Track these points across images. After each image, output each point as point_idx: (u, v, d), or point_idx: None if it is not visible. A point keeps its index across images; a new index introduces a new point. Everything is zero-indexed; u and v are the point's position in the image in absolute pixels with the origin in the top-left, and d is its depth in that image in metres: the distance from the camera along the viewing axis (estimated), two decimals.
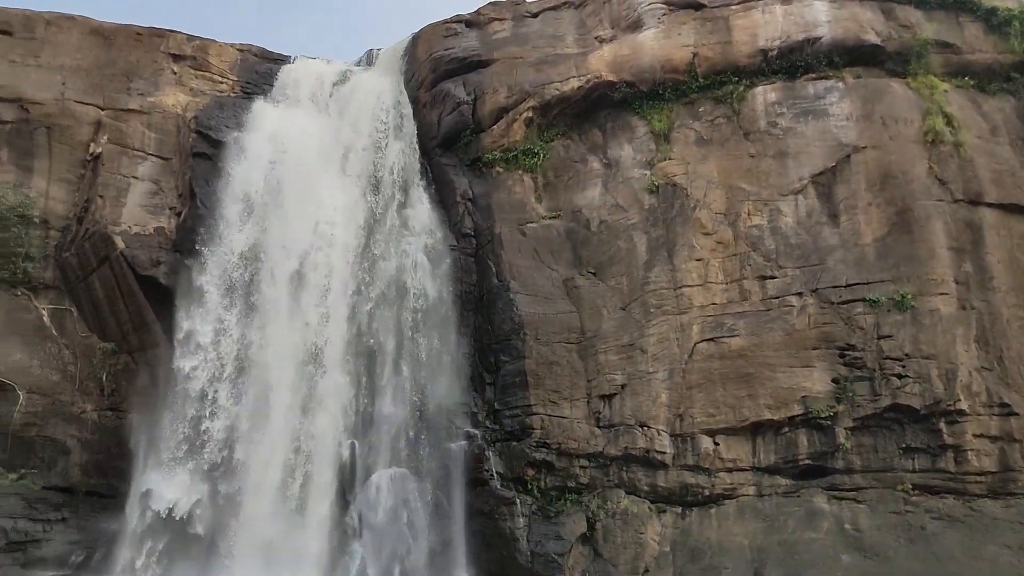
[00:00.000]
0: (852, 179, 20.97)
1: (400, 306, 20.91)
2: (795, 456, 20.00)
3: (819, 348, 20.13)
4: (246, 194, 21.13)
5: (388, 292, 20.96)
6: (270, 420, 19.55)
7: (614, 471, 20.21)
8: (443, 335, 21.02)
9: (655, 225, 21.30)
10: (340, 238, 21.05)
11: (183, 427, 19.24)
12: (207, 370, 19.74)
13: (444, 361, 20.85)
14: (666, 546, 19.75)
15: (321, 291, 20.65)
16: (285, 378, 19.83)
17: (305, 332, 20.26)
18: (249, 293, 20.34)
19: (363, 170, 21.89)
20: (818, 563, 18.76)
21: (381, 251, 21.21)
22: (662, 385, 20.28)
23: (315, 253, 20.85)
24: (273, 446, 19.43)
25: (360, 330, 20.57)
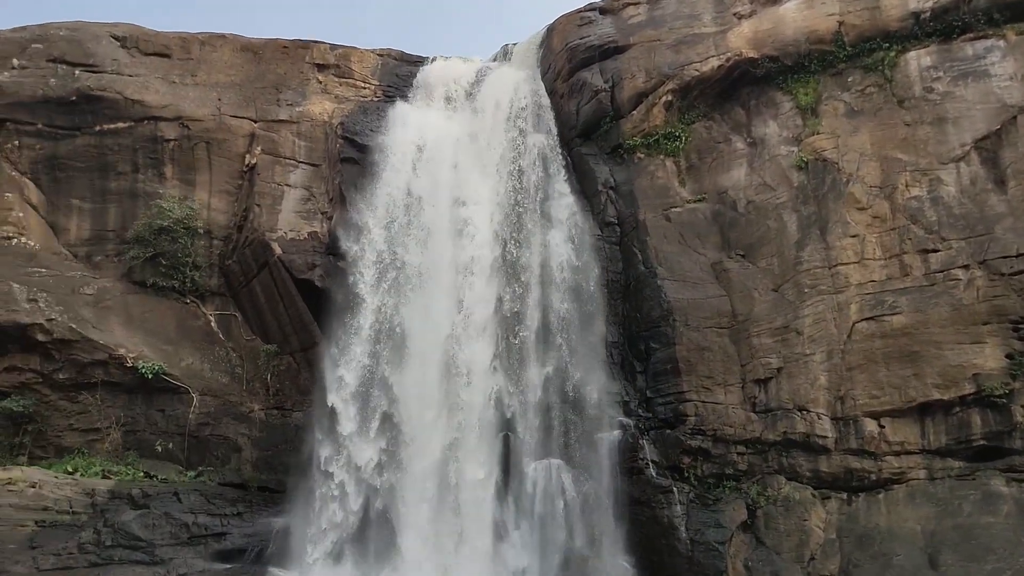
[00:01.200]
0: (1020, 142, 19.67)
1: (546, 298, 21.01)
2: (968, 437, 19.03)
3: (990, 323, 19.06)
4: (392, 196, 21.70)
5: (533, 284, 21.09)
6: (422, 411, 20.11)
7: (773, 457, 19.76)
8: (591, 325, 21.02)
9: (805, 203, 20.64)
10: (484, 233, 21.33)
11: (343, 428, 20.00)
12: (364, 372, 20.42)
13: (593, 351, 20.85)
14: (832, 533, 19.20)
15: (468, 286, 20.99)
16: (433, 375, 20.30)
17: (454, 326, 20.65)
18: (399, 292, 20.88)
19: (504, 165, 22.09)
20: (998, 548, 17.85)
21: (525, 243, 21.34)
22: (820, 367, 19.67)
23: (460, 251, 21.22)
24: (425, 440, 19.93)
25: (506, 322, 20.76)
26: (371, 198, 21.60)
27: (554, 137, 22.67)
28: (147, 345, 20.98)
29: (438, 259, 21.17)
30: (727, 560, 18.91)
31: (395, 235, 21.28)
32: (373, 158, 22.17)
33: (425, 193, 21.53)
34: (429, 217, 21.36)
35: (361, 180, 22.03)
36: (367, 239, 21.25)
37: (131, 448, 20.63)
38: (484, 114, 23.24)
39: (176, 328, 21.63)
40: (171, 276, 21.66)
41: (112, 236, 21.99)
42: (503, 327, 20.73)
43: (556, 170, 22.17)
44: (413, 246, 21.29)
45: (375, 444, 19.83)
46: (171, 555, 18.55)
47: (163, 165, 22.15)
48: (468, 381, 20.11)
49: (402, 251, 21.21)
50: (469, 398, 20.07)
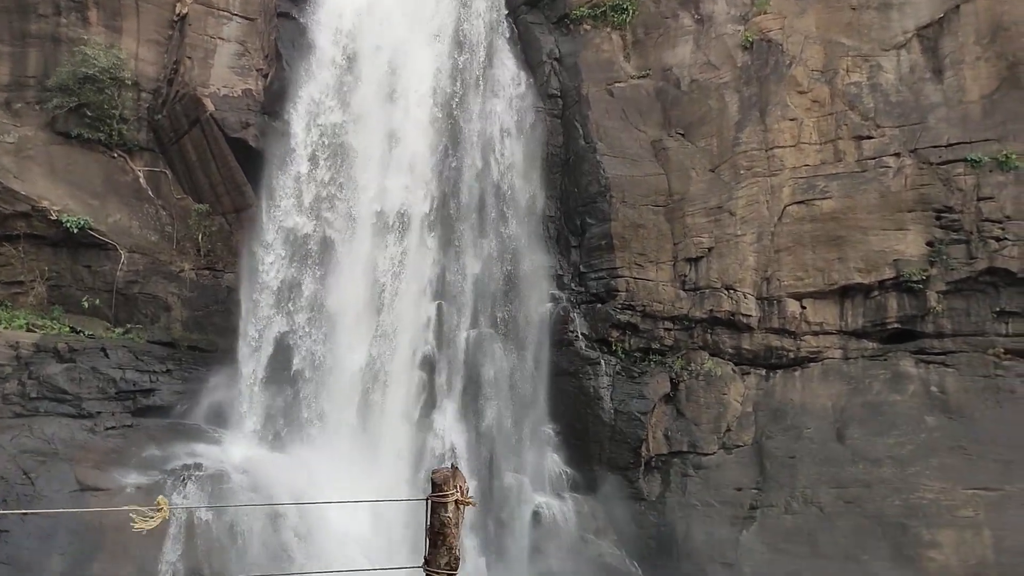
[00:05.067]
0: (960, 31, 19.94)
1: (485, 169, 20.88)
2: (883, 320, 19.88)
3: (915, 210, 19.68)
4: (329, 56, 21.03)
5: (473, 154, 20.90)
6: (356, 280, 20.01)
7: (698, 333, 20.35)
8: (528, 198, 21.04)
9: (748, 84, 20.68)
10: (423, 97, 20.92)
11: (275, 284, 19.82)
12: (295, 233, 20.14)
13: (530, 224, 20.95)
14: (748, 406, 20.05)
15: (406, 153, 20.68)
16: (368, 242, 20.14)
17: (389, 195, 20.42)
18: (335, 155, 20.47)
19: (447, 29, 21.53)
20: (901, 424, 18.91)
21: (464, 111, 21.03)
22: (750, 248, 20.13)
23: (399, 113, 20.79)
24: (359, 305, 19.92)
25: (445, 193, 20.63)
26: (308, 56, 20.90)
27: (500, 3, 22.09)
28: (72, 198, 20.31)
29: (375, 125, 20.73)
30: (648, 429, 19.69)
31: (331, 97, 20.71)
32: (311, 15, 21.34)
33: (363, 54, 20.90)
34: (367, 79, 20.80)
35: (298, 38, 21.26)
36: (303, 99, 20.66)
37: (56, 303, 20.20)
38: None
39: (103, 183, 20.94)
40: (97, 128, 20.81)
41: (33, 83, 20.92)
42: (439, 192, 20.56)
43: (500, 38, 21.71)
44: (350, 108, 20.77)
45: (306, 306, 19.75)
46: (98, 408, 18.47)
47: (87, 9, 20.95)
48: (399, 245, 19.94)
49: (337, 115, 20.67)
50: (404, 264, 20.03)
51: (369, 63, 20.72)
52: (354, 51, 20.86)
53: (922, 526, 17.68)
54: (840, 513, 18.33)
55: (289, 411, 19.10)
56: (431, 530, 4.26)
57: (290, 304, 19.66)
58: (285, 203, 20.29)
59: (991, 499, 17.64)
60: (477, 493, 19.17)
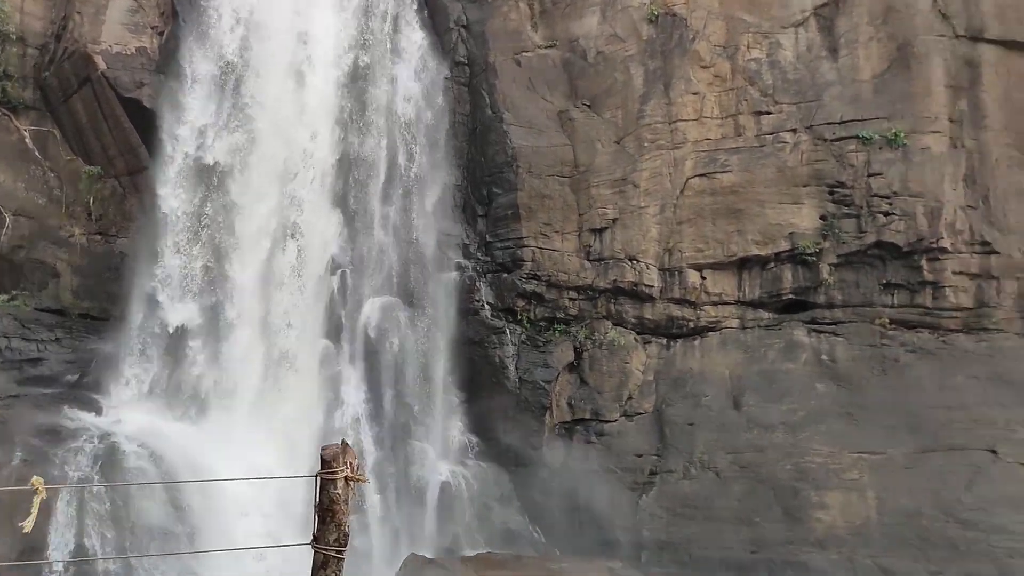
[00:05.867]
0: (854, 11, 20.56)
1: (390, 135, 20.62)
2: (779, 291, 20.53)
3: (809, 185, 20.32)
4: (231, 14, 20.33)
5: (377, 120, 20.60)
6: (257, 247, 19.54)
7: (602, 303, 20.66)
8: (434, 166, 20.90)
9: (652, 57, 20.91)
10: (328, 62, 20.46)
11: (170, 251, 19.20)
12: (189, 198, 19.50)
13: (436, 192, 20.82)
14: (650, 375, 20.49)
15: (309, 120, 20.21)
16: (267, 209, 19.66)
17: (291, 162, 19.96)
18: (231, 116, 19.84)
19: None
20: (794, 391, 19.61)
21: (370, 77, 20.65)
22: (653, 220, 20.46)
23: (300, 77, 20.28)
24: (258, 271, 19.46)
25: (348, 158, 20.28)
26: (205, 16, 20.14)
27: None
28: None
29: (276, 89, 20.16)
30: (552, 398, 19.95)
31: (232, 59, 20.05)
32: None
33: (263, 14, 20.24)
34: (268, 40, 20.18)
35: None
36: (201, 61, 19.94)
37: None
38: None
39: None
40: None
41: None
42: (343, 162, 20.23)
43: (407, 4, 21.34)
44: (250, 70, 20.15)
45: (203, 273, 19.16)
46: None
47: None
48: (301, 212, 19.54)
49: (238, 77, 20.02)
50: (306, 231, 19.64)
51: (270, 24, 20.11)
52: (252, 8, 20.18)
53: (811, 489, 18.40)
54: (735, 478, 18.93)
55: (185, 380, 18.61)
56: (320, 507, 4.23)
57: (186, 271, 19.06)
58: (182, 165, 19.62)
59: (875, 462, 18.47)
60: (382, 462, 19.17)
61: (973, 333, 19.96)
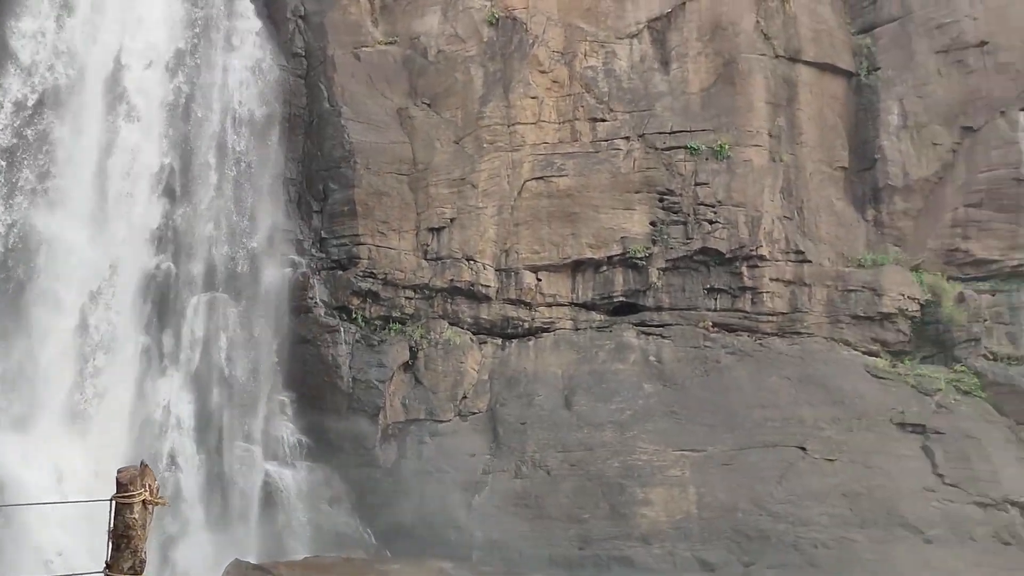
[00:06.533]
0: (685, 27, 21.47)
1: (221, 126, 19.85)
2: (611, 293, 21.15)
3: (641, 192, 21.02)
4: None
5: (210, 111, 19.79)
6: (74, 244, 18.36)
7: (439, 303, 20.64)
8: (269, 159, 20.29)
9: (493, 59, 21.08)
10: (158, 48, 19.48)
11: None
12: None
13: (270, 186, 20.22)
14: (485, 375, 20.63)
15: (136, 108, 19.15)
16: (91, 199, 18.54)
17: (116, 151, 18.88)
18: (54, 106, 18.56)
19: None
20: (623, 391, 20.22)
21: (202, 66, 19.80)
22: (491, 221, 20.63)
23: (127, 64, 19.21)
24: (75, 266, 18.31)
25: (178, 150, 19.38)
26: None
27: None
28: None
29: (100, 73, 19.00)
30: (386, 398, 19.75)
31: (50, 39, 18.71)
32: None
33: None
34: (91, 24, 18.99)
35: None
36: (17, 35, 18.48)
37: None
38: None
39: None
40: None
41: None
42: (172, 149, 19.30)
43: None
44: (70, 51, 18.90)
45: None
46: None
47: None
48: (131, 194, 18.49)
49: (57, 61, 18.70)
50: (129, 221, 18.62)
51: (92, 6, 18.94)
52: None
53: (637, 485, 18.99)
54: (565, 476, 19.30)
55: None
56: (114, 532, 3.96)
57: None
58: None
59: (696, 459, 19.27)
60: (205, 464, 18.43)
61: (787, 336, 21.24)
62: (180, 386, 18.82)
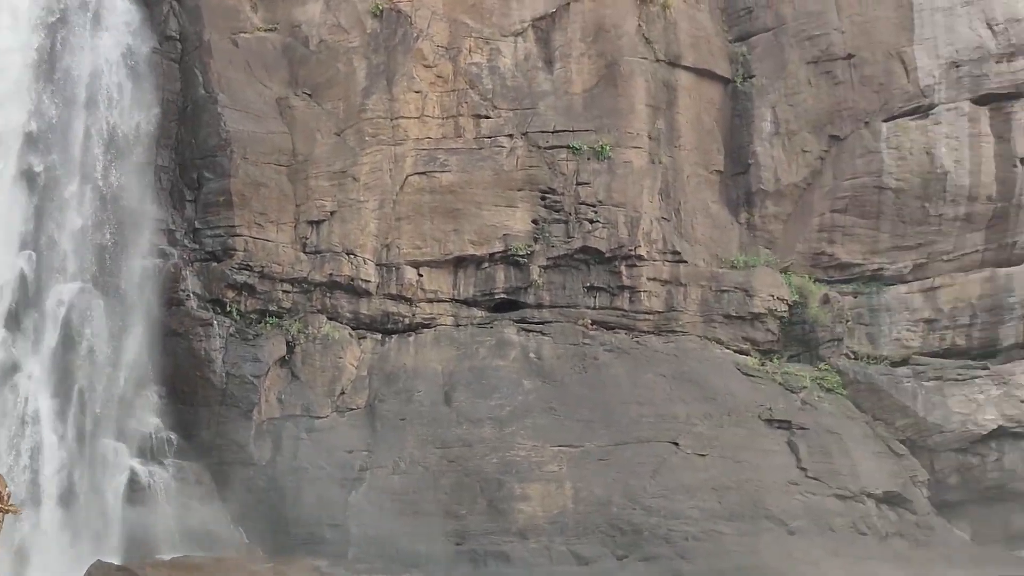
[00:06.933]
0: (569, 28, 21.71)
1: (90, 110, 19.07)
2: (492, 290, 21.24)
3: (523, 190, 21.18)
4: None
5: (76, 95, 18.97)
6: None
7: (317, 297, 20.35)
8: (139, 145, 19.59)
9: (376, 51, 20.82)
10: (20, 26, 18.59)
11: None
12: None
13: (140, 174, 19.53)
14: (364, 370, 20.43)
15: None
16: None
17: None
18: None
19: None
20: (503, 387, 20.34)
21: (69, 49, 18.98)
22: (372, 215, 20.43)
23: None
24: None
25: (41, 131, 18.52)
26: None
27: None
28: None
29: None
30: (261, 393, 19.34)
31: None
32: None
33: None
34: None
35: None
36: None
37: None
38: None
39: None
40: None
41: None
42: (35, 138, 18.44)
43: None
44: None
45: None
46: None
47: None
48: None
49: None
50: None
51: None
52: None
53: (515, 481, 19.12)
54: (444, 472, 19.28)
55: None
56: None
57: None
58: None
59: (573, 455, 19.55)
60: (68, 462, 17.66)
61: (663, 335, 21.79)
62: (40, 382, 18.02)
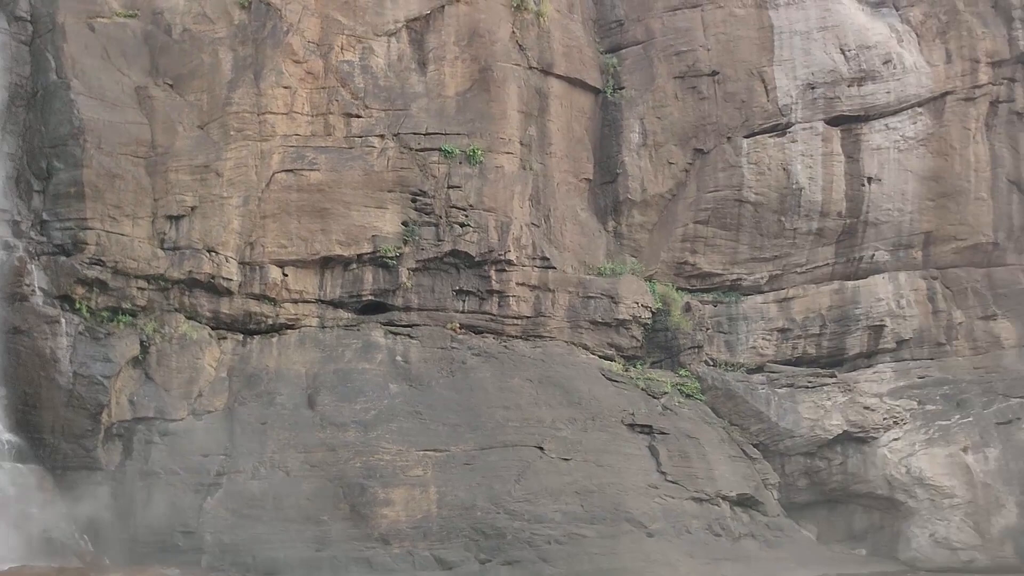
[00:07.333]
0: (443, 30, 21.71)
1: None
2: (359, 292, 20.99)
3: (394, 191, 21.02)
4: None
5: None
6: None
7: (175, 295, 19.67)
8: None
9: (244, 43, 20.24)
10: None
11: None
12: None
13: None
14: (223, 372, 19.86)
15: None
16: None
17: None
18: None
19: None
20: (368, 391, 20.11)
21: None
22: (235, 211, 19.86)
23: None
24: None
25: None
26: None
27: None
28: None
29: None
30: (111, 395, 18.47)
31: None
32: None
33: None
34: None
35: None
36: None
37: None
38: None
39: None
40: None
41: None
42: None
43: None
44: None
45: None
46: None
47: None
48: None
49: None
50: None
51: None
52: None
53: (379, 486, 18.90)
54: (305, 477, 18.88)
55: None
56: None
57: None
58: None
59: (438, 459, 19.48)
60: None
61: (530, 339, 22.04)
62: None
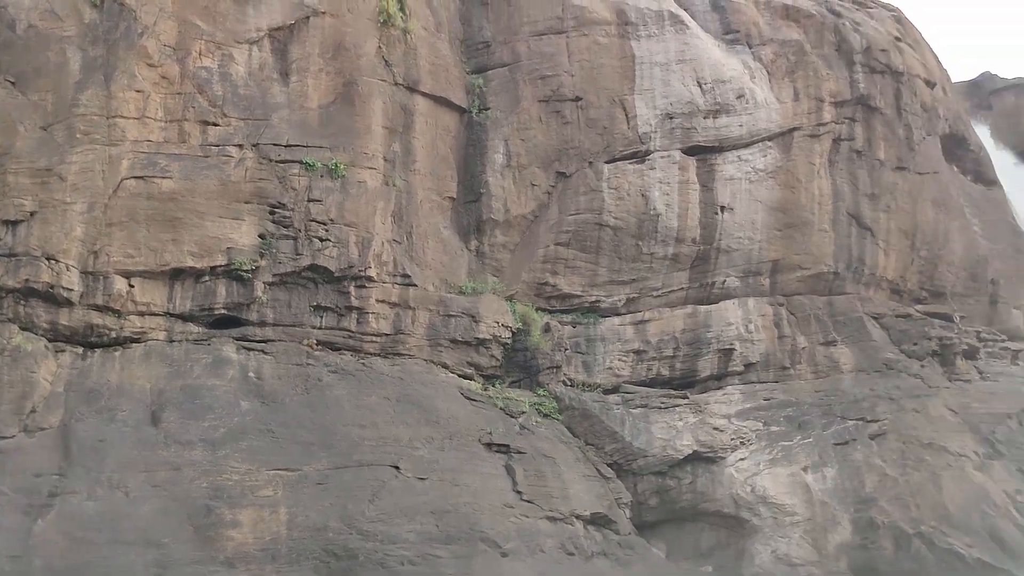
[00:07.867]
0: (308, 41, 21.32)
1: None
2: (212, 305, 20.29)
3: (251, 203, 20.43)
4: None
5: None
6: None
7: (9, 304, 18.68)
8: None
9: (94, 44, 19.41)
10: None
11: None
12: None
13: None
14: (60, 386, 18.85)
15: None
16: None
17: None
18: None
19: None
20: (218, 408, 19.38)
21: None
22: (79, 218, 18.95)
23: None
24: None
25: None
26: None
27: None
28: None
29: None
30: None
31: None
32: None
33: None
34: None
35: None
36: None
37: None
38: None
39: None
40: None
41: None
42: None
43: None
44: None
45: None
46: None
47: None
48: None
49: None
50: None
51: None
52: None
53: (225, 507, 18.17)
54: (147, 497, 18.00)
55: None
56: None
57: None
58: None
59: (290, 479, 18.91)
60: None
61: (389, 357, 21.74)
62: None
